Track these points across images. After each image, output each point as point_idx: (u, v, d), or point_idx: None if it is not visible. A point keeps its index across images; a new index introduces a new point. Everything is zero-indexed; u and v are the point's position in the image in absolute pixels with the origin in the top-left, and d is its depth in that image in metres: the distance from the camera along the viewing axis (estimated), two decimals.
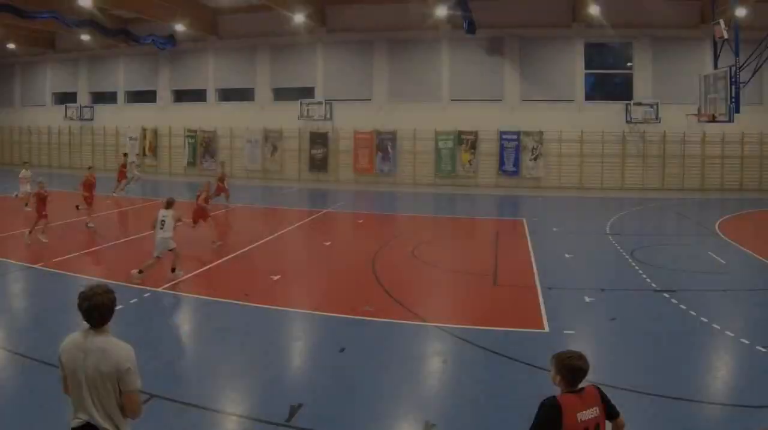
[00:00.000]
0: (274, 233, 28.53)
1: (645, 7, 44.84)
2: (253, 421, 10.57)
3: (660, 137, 45.72)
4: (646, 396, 11.35)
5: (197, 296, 18.30)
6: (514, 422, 10.05)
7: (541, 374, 11.63)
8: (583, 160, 46.86)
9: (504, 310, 17.32)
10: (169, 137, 56.04)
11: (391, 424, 10.92)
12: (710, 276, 20.85)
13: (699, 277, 20.92)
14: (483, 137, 48.08)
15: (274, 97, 53.74)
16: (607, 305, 17.48)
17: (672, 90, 45.10)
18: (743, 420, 10.61)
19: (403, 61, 50.12)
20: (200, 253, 23.45)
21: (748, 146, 44.91)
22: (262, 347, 14.26)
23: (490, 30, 47.05)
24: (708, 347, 14.39)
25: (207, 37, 53.99)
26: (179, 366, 13.12)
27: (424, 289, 19.85)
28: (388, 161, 49.86)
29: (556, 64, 47.98)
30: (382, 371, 12.74)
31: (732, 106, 30.51)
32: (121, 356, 6.48)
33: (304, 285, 19.97)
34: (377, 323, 15.70)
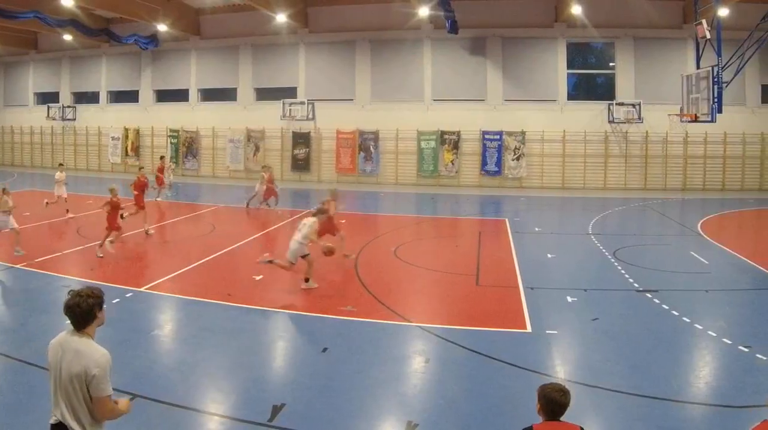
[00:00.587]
0: (257, 233, 28.16)
1: (627, 7, 44.42)
2: (236, 421, 10.42)
3: (642, 137, 45.16)
4: (628, 396, 11.27)
5: (180, 296, 17.89)
6: (497, 422, 10.37)
7: (524, 374, 12.24)
8: (565, 160, 46.26)
9: (486, 310, 16.97)
10: (152, 137, 55.13)
11: (373, 424, 10.75)
12: (692, 276, 20.55)
13: (681, 277, 20.62)
14: (465, 137, 47.37)
15: (256, 97, 52.80)
16: (590, 305, 17.16)
17: (654, 90, 44.67)
18: (725, 420, 10.58)
19: (386, 62, 49.27)
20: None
21: (731, 146, 44.38)
22: (244, 347, 14.04)
23: (472, 30, 46.56)
24: (690, 347, 14.20)
25: (189, 37, 53.21)
26: (161, 366, 12.87)
27: (407, 289, 19.46)
28: (370, 161, 49.09)
29: (539, 64, 47.28)
30: (364, 371, 12.58)
31: (714, 106, 30.16)
32: (91, 360, 6.43)
33: (286, 285, 19.35)
34: (359, 323, 15.48)
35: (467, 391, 11.73)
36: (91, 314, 6.58)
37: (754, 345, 13.66)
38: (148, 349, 13.78)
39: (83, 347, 6.48)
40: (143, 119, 55.36)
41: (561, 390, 6.48)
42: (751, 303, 17.91)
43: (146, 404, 10.62)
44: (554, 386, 6.55)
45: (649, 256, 23.41)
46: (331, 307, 16.71)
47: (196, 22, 53.00)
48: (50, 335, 6.96)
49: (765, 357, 12.99)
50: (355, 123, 49.20)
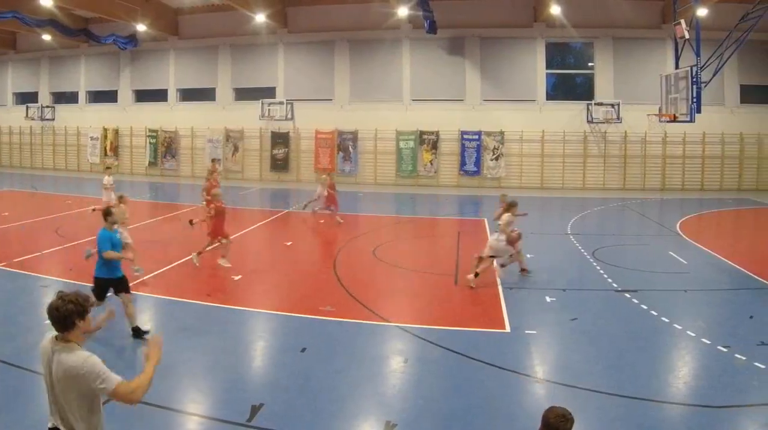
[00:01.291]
0: (236, 233, 26.32)
1: (606, 7, 43.81)
2: (214, 421, 10.25)
3: (621, 137, 44.53)
4: (608, 396, 11.13)
5: (159, 295, 17.55)
6: (475, 422, 10.22)
7: (503, 374, 12.05)
8: (544, 160, 45.54)
9: (465, 310, 16.79)
10: (131, 137, 53.80)
11: (351, 424, 10.56)
12: (671, 276, 20.21)
13: (660, 277, 20.23)
14: (444, 137, 46.59)
15: (235, 97, 51.66)
16: (569, 305, 16.82)
17: (633, 90, 43.96)
18: (705, 420, 10.38)
19: (365, 62, 48.35)
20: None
21: (709, 146, 43.81)
22: (223, 347, 13.72)
23: (451, 30, 45.73)
24: (669, 347, 13.96)
25: (168, 37, 51.96)
26: (140, 366, 11.28)
27: (386, 289, 19.10)
28: (349, 161, 48.19)
29: (518, 64, 46.49)
30: (343, 370, 12.36)
31: (693, 106, 29.40)
32: (78, 372, 6.08)
33: (266, 285, 19.17)
34: (338, 323, 15.20)
35: (446, 391, 11.55)
36: (68, 321, 6.19)
37: (733, 345, 13.47)
38: (126, 349, 13.45)
39: (65, 356, 6.14)
40: (122, 119, 54.08)
41: (563, 416, 6.26)
42: (729, 303, 17.70)
43: (125, 405, 9.48)
44: (557, 411, 6.32)
45: (628, 256, 23.03)
46: (310, 307, 16.39)
47: (175, 22, 51.81)
48: (30, 335, 7.55)
49: (744, 357, 12.77)
50: (333, 123, 48.24)
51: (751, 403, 10.97)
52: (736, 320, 15.78)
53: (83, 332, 6.38)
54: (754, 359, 12.69)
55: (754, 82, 44.10)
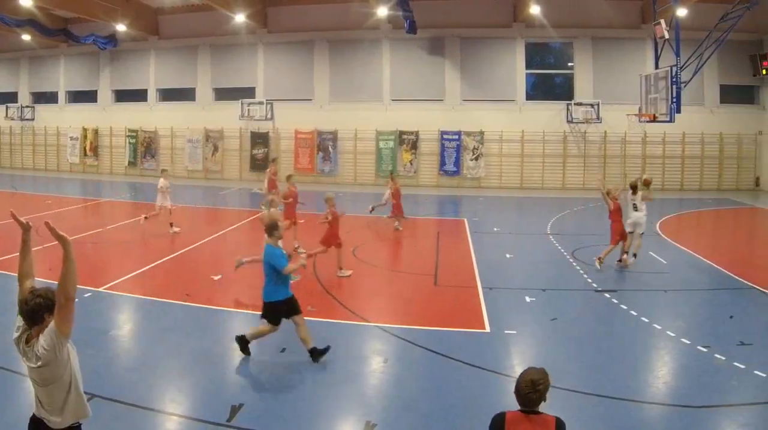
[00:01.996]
0: (215, 233, 27.11)
1: (586, 8, 43.17)
2: (194, 421, 10.04)
3: (601, 137, 43.66)
4: (587, 396, 11.01)
5: (138, 296, 17.22)
6: (455, 421, 10.09)
7: (483, 374, 11.96)
8: (524, 160, 44.65)
9: (445, 310, 16.41)
10: (110, 137, 52.27)
11: (331, 424, 10.44)
12: (651, 276, 19.99)
13: (640, 277, 19.99)
14: (424, 137, 45.58)
15: (215, 97, 50.29)
16: (548, 305, 16.64)
17: (613, 90, 43.14)
18: (684, 420, 10.26)
19: (344, 62, 47.28)
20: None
21: (689, 146, 43.12)
22: (202, 347, 13.49)
23: (431, 30, 44.75)
24: (649, 347, 13.75)
25: (148, 37, 50.57)
26: (120, 366, 12.32)
27: (365, 289, 18.98)
28: (329, 161, 47.11)
29: (497, 64, 45.57)
30: (322, 371, 12.18)
31: (673, 106, 29.53)
32: (39, 351, 6.09)
33: (245, 285, 18.47)
34: (318, 323, 14.58)
35: (426, 391, 11.38)
36: (36, 315, 6.20)
37: (713, 345, 13.34)
38: (106, 349, 13.18)
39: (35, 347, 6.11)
40: (102, 119, 52.56)
41: (532, 384, 6.08)
42: (709, 303, 17.63)
43: (104, 404, 10.16)
44: (528, 378, 6.13)
45: (608, 256, 22.03)
46: None
47: (155, 22, 50.51)
48: (9, 335, 6.78)
49: (723, 357, 12.64)
50: (313, 123, 47.15)
51: (730, 403, 10.83)
52: (715, 320, 15.68)
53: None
54: (734, 359, 12.51)
55: (734, 82, 43.45)
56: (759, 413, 10.52)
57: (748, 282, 18.89)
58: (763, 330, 14.76)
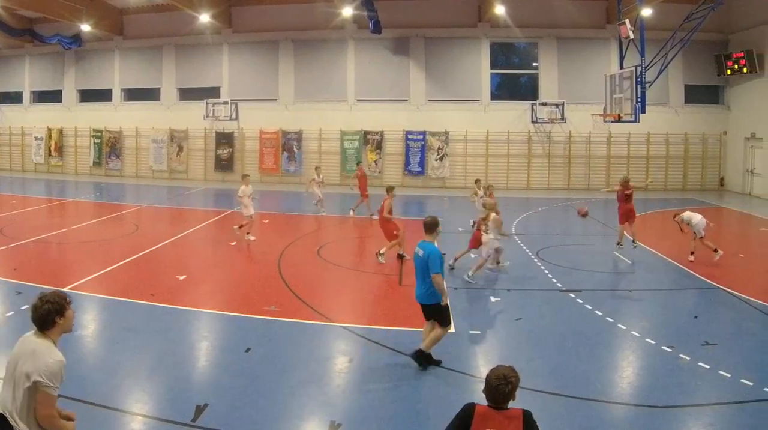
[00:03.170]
0: (180, 234, 26.23)
1: (550, 8, 41.85)
2: (159, 421, 9.70)
3: (566, 137, 42.55)
4: (552, 396, 10.76)
5: (103, 296, 16.65)
6: (420, 421, 9.93)
7: (448, 374, 11.69)
8: (488, 160, 43.28)
9: (410, 310, 15.15)
10: (75, 137, 50.08)
11: (296, 424, 10.06)
12: (616, 276, 20.19)
13: (604, 277, 19.94)
14: (388, 137, 44.01)
15: (179, 97, 48.22)
16: (513, 305, 16.37)
17: (578, 90, 42.09)
18: (649, 421, 9.99)
19: (309, 61, 45.42)
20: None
21: (654, 146, 42.18)
22: (167, 347, 13.09)
23: (395, 30, 43.27)
24: (614, 347, 13.62)
25: (113, 37, 48.30)
26: (85, 366, 11.86)
27: (330, 289, 18.40)
28: (294, 161, 45.26)
29: (462, 64, 44.10)
30: (287, 371, 11.85)
31: (638, 106, 29.29)
32: (41, 364, 6.17)
33: (210, 285, 18.53)
34: (283, 323, 14.61)
35: (391, 391, 11.15)
36: (47, 320, 6.34)
37: (677, 345, 13.12)
38: (71, 349, 11.73)
39: (40, 348, 6.27)
40: (67, 119, 50.38)
41: (503, 377, 6.03)
42: (674, 303, 17.25)
43: (69, 405, 9.06)
44: (498, 372, 6.09)
45: (573, 256, 22.35)
46: (254, 307, 15.81)
47: (120, 22, 48.37)
48: None
49: (688, 357, 12.46)
50: (278, 123, 45.43)
51: (695, 403, 10.68)
52: (680, 320, 15.41)
53: (63, 331, 6.52)
54: (699, 359, 12.33)
55: (699, 82, 42.45)
56: (724, 413, 10.28)
57: (713, 282, 18.53)
58: (728, 330, 14.56)
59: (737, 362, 12.24)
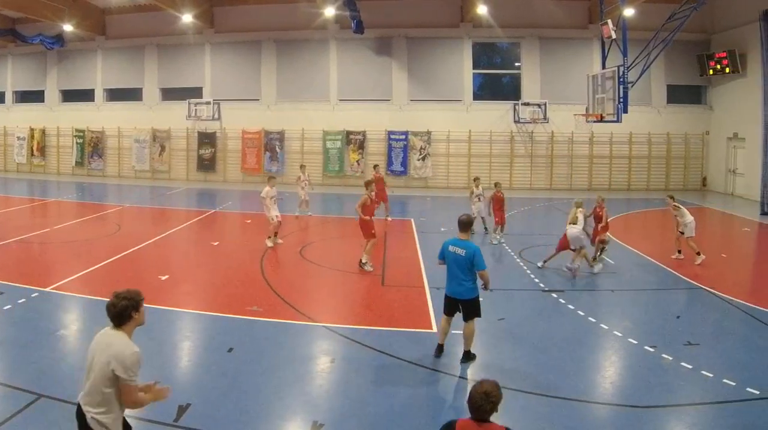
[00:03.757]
0: (162, 234, 25.81)
1: (533, 8, 41.10)
2: (141, 421, 9.47)
3: (548, 137, 41.82)
4: (534, 396, 10.63)
5: (85, 296, 16.38)
6: (402, 421, 9.80)
7: (430, 374, 11.62)
8: (471, 160, 42.44)
9: (392, 310, 15.82)
10: (57, 137, 49.05)
11: (279, 424, 9.95)
12: (598, 276, 19.45)
13: (587, 277, 19.34)
14: (371, 137, 43.16)
15: (162, 97, 47.15)
16: (496, 306, 15.76)
17: (560, 90, 41.39)
18: (631, 421, 9.88)
19: (292, 61, 44.49)
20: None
21: (636, 146, 41.45)
22: (149, 346, 12.07)
23: (378, 30, 42.45)
24: (596, 347, 13.51)
25: (95, 37, 47.24)
26: (67, 366, 11.70)
27: (312, 289, 18.14)
28: (276, 161, 44.31)
29: (444, 64, 43.26)
30: (270, 371, 11.72)
31: (620, 106, 28.99)
32: (118, 355, 6.54)
33: (193, 285, 18.27)
34: (265, 323, 14.49)
35: (373, 391, 11.04)
36: (124, 315, 6.77)
37: (660, 345, 13.05)
38: (53, 349, 12.68)
39: (116, 342, 6.65)
40: (49, 119, 49.27)
41: (486, 394, 5.93)
42: (656, 303, 17.03)
43: (51, 404, 9.88)
44: (482, 388, 5.99)
45: (555, 256, 21.15)
46: (236, 307, 15.63)
47: (102, 22, 47.25)
48: None
49: (671, 357, 12.38)
50: (260, 123, 44.53)
51: (677, 403, 10.58)
52: (662, 320, 15.22)
53: (137, 324, 6.96)
54: (681, 359, 12.28)
55: (681, 82, 41.79)
56: (706, 413, 10.20)
57: (695, 282, 18.44)
58: (710, 330, 14.46)
59: (719, 362, 12.17)
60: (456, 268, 11.82)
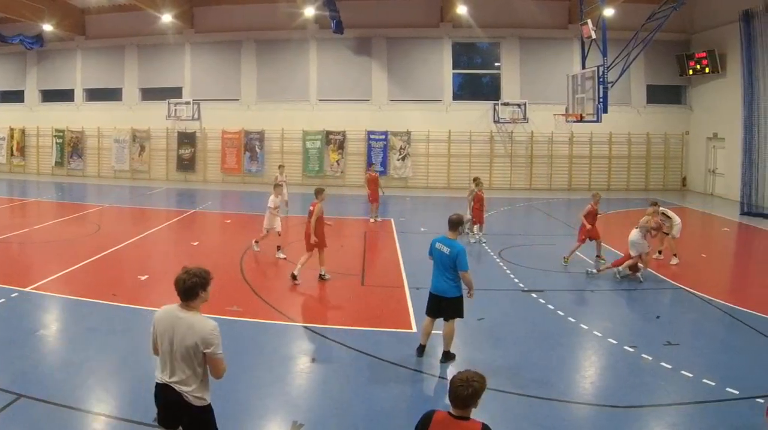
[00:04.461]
0: (142, 234, 25.36)
1: (513, 8, 40.30)
2: (121, 421, 9.46)
3: (528, 137, 41.11)
4: (513, 396, 10.50)
5: (65, 296, 16.21)
6: (382, 421, 9.75)
7: (410, 374, 11.50)
8: (450, 160, 41.79)
9: (372, 310, 15.67)
10: (37, 137, 47.88)
11: (258, 424, 9.81)
12: (578, 276, 19.19)
13: (567, 277, 19.17)
14: (351, 137, 42.32)
15: (141, 97, 46.10)
16: (475, 306, 14.39)
17: (540, 90, 40.71)
18: (611, 420, 9.82)
19: (271, 61, 43.72)
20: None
21: (616, 146, 40.81)
22: (129, 346, 12.66)
23: (357, 30, 41.63)
24: (576, 347, 13.28)
25: (75, 37, 46.15)
26: (47, 366, 11.60)
27: (292, 289, 17.65)
28: (255, 161, 43.43)
29: (424, 64, 42.48)
30: (249, 370, 11.44)
31: (600, 106, 28.50)
32: (204, 334, 6.68)
33: (172, 285, 15.31)
34: (245, 323, 14.28)
35: (353, 391, 10.84)
36: (193, 292, 6.82)
37: (640, 345, 12.90)
38: (33, 349, 12.52)
39: (194, 321, 6.74)
40: (29, 119, 48.13)
41: (465, 380, 5.78)
42: (636, 303, 16.90)
43: (31, 404, 9.76)
44: (461, 376, 5.85)
45: (535, 256, 21.83)
46: (216, 307, 14.50)
47: (82, 22, 46.21)
48: None
49: (650, 357, 12.22)
50: (240, 123, 43.56)
51: (657, 403, 10.43)
52: (642, 320, 15.19)
53: (203, 301, 6.91)
54: (661, 359, 12.13)
55: (661, 82, 41.24)
56: (686, 413, 10.10)
57: (675, 282, 18.27)
58: (690, 330, 14.38)
59: (699, 361, 12.07)
60: (441, 265, 11.66)
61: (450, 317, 11.77)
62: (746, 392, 10.55)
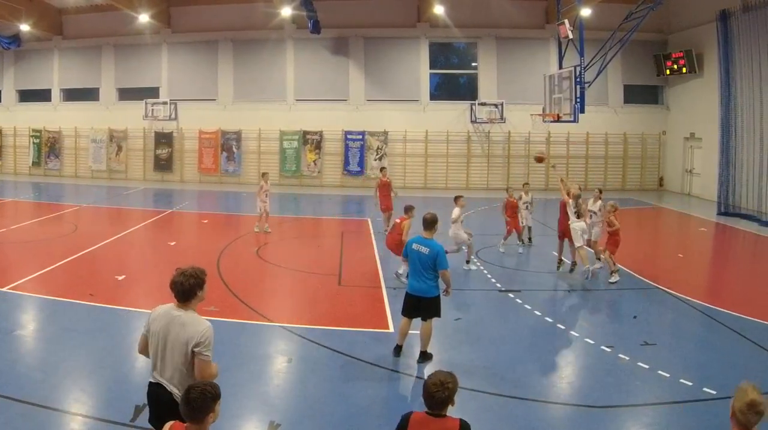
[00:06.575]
0: (119, 234, 24.77)
1: (490, 8, 39.23)
2: (98, 421, 9.15)
3: (505, 137, 39.97)
4: (490, 396, 10.22)
5: (42, 295, 15.71)
6: (359, 421, 9.53)
7: (387, 374, 11.25)
8: (427, 160, 40.58)
9: (349, 310, 15.31)
10: (14, 137, 46.06)
11: (235, 424, 9.37)
12: (555, 276, 18.88)
13: (544, 277, 18.89)
14: (328, 137, 40.99)
15: (118, 97, 44.43)
16: (452, 305, 14.80)
17: (517, 90, 39.52)
18: (588, 421, 9.56)
19: (248, 61, 42.16)
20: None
21: (593, 146, 39.76)
22: (106, 347, 12.30)
23: (335, 30, 40.33)
24: (553, 347, 12.86)
25: (52, 37, 44.41)
26: (23, 366, 11.28)
27: (269, 289, 17.72)
28: (232, 161, 41.99)
29: (401, 64, 41.31)
30: (226, 370, 10.11)
31: (577, 106, 27.95)
32: (196, 333, 6.54)
33: (149, 285, 17.63)
34: (222, 323, 13.17)
35: (330, 391, 10.59)
36: (191, 293, 6.68)
37: (617, 345, 12.60)
38: (9, 349, 12.11)
39: (188, 320, 6.59)
40: (5, 119, 46.31)
41: (441, 383, 5.61)
42: (613, 303, 16.49)
43: (8, 404, 9.50)
44: (436, 378, 5.65)
45: (512, 256, 21.56)
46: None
47: (59, 22, 44.50)
48: None
49: (627, 357, 11.91)
50: (217, 123, 42.02)
51: (634, 403, 10.21)
52: (619, 320, 14.97)
53: (200, 301, 6.80)
54: (638, 359, 11.81)
55: (638, 82, 40.20)
56: (663, 413, 9.87)
57: (652, 282, 17.84)
58: (667, 330, 14.25)
59: (676, 361, 11.88)
60: (420, 266, 11.29)
61: (428, 316, 11.44)
62: (723, 392, 10.15)
